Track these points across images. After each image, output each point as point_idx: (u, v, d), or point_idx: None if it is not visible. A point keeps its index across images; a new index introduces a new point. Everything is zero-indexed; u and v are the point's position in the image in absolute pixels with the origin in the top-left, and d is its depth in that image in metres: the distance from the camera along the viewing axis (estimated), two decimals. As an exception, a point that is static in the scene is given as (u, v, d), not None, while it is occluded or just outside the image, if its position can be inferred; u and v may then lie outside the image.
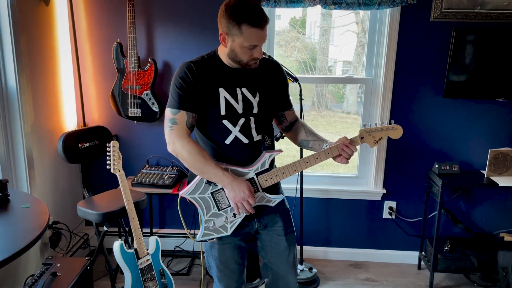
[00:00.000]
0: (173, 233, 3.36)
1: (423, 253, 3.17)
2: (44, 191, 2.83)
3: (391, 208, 3.24)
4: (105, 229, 2.56)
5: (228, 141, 1.75)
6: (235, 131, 1.74)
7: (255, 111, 1.77)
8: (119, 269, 2.89)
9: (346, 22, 3.49)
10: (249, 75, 1.77)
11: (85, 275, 2.23)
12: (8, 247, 1.60)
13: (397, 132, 1.78)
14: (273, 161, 1.83)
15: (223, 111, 1.72)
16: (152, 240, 2.57)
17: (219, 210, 1.77)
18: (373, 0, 2.76)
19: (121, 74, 2.96)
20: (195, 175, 1.77)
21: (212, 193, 1.76)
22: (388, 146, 3.10)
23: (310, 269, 3.05)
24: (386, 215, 3.26)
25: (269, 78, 1.83)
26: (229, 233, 1.79)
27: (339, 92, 4.41)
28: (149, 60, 2.92)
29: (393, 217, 3.25)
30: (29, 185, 2.63)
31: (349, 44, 3.57)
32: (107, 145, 2.39)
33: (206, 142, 1.79)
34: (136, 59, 2.90)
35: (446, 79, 2.90)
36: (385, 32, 2.92)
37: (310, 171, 3.30)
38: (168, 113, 1.73)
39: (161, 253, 2.59)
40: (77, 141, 2.86)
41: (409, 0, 2.75)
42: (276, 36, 3.18)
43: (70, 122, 3.14)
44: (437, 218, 2.84)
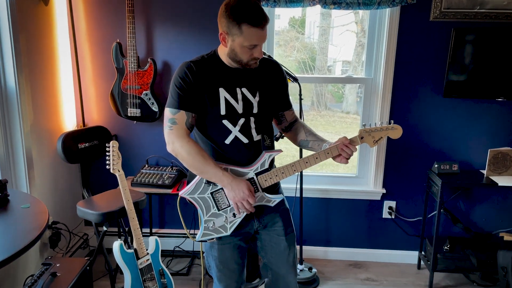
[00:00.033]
0: (172, 233, 3.36)
1: (423, 253, 3.17)
2: (43, 191, 2.83)
3: (390, 208, 3.24)
4: (104, 229, 2.56)
5: (228, 141, 1.75)
6: (235, 131, 1.74)
7: (255, 111, 1.76)
8: (119, 269, 2.90)
9: (345, 22, 3.49)
10: (249, 75, 1.77)
11: (85, 275, 2.23)
12: (7, 247, 1.59)
13: (397, 132, 1.78)
14: (272, 161, 1.83)
15: (223, 111, 1.72)
16: (151, 240, 2.57)
17: (218, 210, 1.77)
18: (372, 0, 2.76)
19: (120, 74, 2.96)
20: (194, 175, 1.76)
21: (211, 193, 1.76)
22: (387, 145, 3.10)
23: (309, 269, 3.05)
24: (385, 214, 3.26)
25: (269, 78, 1.83)
26: (229, 233, 1.79)
27: (338, 92, 4.41)
28: (149, 60, 2.92)
29: (393, 217, 3.25)
30: (28, 185, 2.63)
31: (349, 44, 3.57)
32: (106, 145, 2.39)
33: (206, 142, 1.79)
34: (135, 59, 2.90)
35: (445, 79, 2.90)
36: (384, 31, 2.92)
37: (309, 171, 3.30)
38: (167, 113, 1.72)
39: (161, 253, 2.58)
40: (76, 141, 2.85)
41: (408, 0, 2.75)
42: (275, 36, 3.18)
43: (69, 122, 3.14)
44: (437, 217, 2.84)
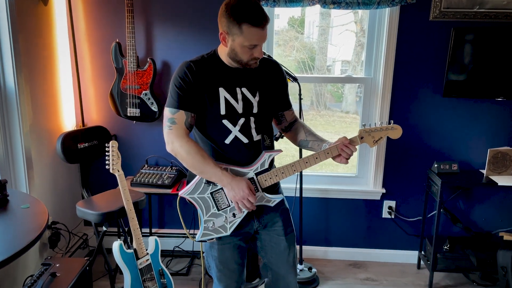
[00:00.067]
0: (172, 233, 3.36)
1: (423, 253, 3.17)
2: (43, 191, 2.83)
3: (390, 207, 3.24)
4: (104, 229, 2.55)
5: (228, 141, 1.75)
6: (235, 131, 1.74)
7: (255, 111, 1.76)
8: (118, 269, 2.89)
9: (344, 21, 3.49)
10: (249, 75, 1.76)
11: (84, 275, 2.22)
12: (7, 247, 1.59)
13: (397, 132, 1.78)
14: (272, 161, 1.83)
15: (223, 111, 1.72)
16: (151, 240, 2.56)
17: (218, 210, 1.77)
18: (372, -1, 2.76)
19: (120, 74, 2.95)
20: (194, 175, 1.76)
21: (211, 193, 1.76)
22: (387, 145, 3.10)
23: (309, 268, 3.05)
24: (385, 214, 3.26)
25: (269, 78, 1.83)
26: (229, 233, 1.79)
27: (338, 91, 4.40)
28: (148, 59, 2.92)
29: (393, 217, 3.25)
30: (28, 185, 2.63)
31: (348, 43, 3.56)
32: (106, 145, 2.39)
33: (205, 142, 1.79)
34: (135, 59, 2.89)
35: (445, 79, 2.90)
36: (384, 31, 2.92)
37: (309, 171, 3.29)
38: (167, 112, 1.72)
39: (160, 253, 2.58)
40: (76, 141, 2.85)
41: (408, -1, 2.76)
42: (275, 35, 3.18)
43: (69, 122, 3.14)
44: (437, 217, 2.84)
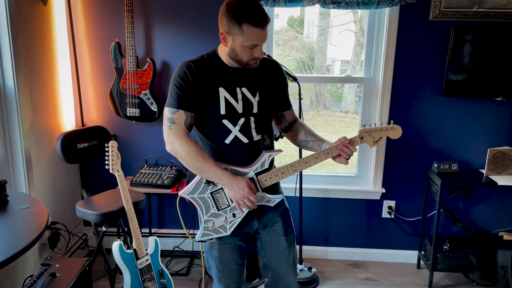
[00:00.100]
0: (172, 233, 3.36)
1: (423, 252, 3.17)
2: (42, 191, 2.82)
3: (390, 207, 3.23)
4: (104, 229, 2.55)
5: (227, 141, 1.74)
6: (235, 131, 1.74)
7: (255, 110, 1.76)
8: (118, 269, 2.89)
9: (344, 21, 3.48)
10: (249, 75, 1.76)
11: (84, 276, 2.22)
12: (7, 248, 1.59)
13: (397, 132, 1.77)
14: (272, 161, 1.83)
15: (223, 111, 1.72)
16: (151, 240, 2.56)
17: (218, 210, 1.76)
18: (372, -1, 2.76)
19: (119, 74, 2.95)
20: (194, 175, 1.76)
21: (211, 193, 1.75)
22: (387, 145, 3.10)
23: (309, 268, 3.05)
24: (385, 214, 3.26)
25: (269, 78, 1.83)
26: (229, 233, 1.78)
27: (337, 91, 4.40)
28: (148, 59, 2.91)
29: (392, 217, 3.25)
30: (27, 185, 2.62)
31: (347, 43, 3.56)
32: (105, 145, 2.39)
33: (205, 142, 1.79)
34: (134, 58, 2.89)
35: (445, 78, 2.90)
36: (384, 31, 2.92)
37: (309, 171, 3.29)
38: (166, 112, 1.72)
39: (160, 253, 2.58)
40: (75, 141, 2.84)
41: (408, -1, 2.75)
42: (274, 35, 3.18)
43: (68, 122, 3.13)
44: (436, 217, 2.84)
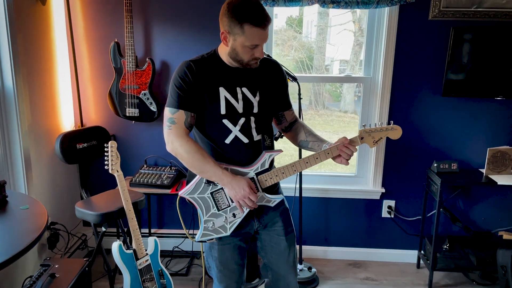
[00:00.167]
0: (171, 233, 3.35)
1: (422, 252, 3.17)
2: (41, 191, 2.82)
3: (390, 207, 3.23)
4: (103, 229, 2.54)
5: (228, 141, 1.74)
6: (235, 131, 1.73)
7: (255, 110, 1.76)
8: (118, 269, 2.88)
9: (343, 21, 3.48)
10: (250, 75, 1.76)
11: (84, 276, 2.22)
12: (7, 249, 1.58)
13: (397, 132, 1.77)
14: (272, 161, 1.83)
15: (223, 111, 1.71)
16: (151, 240, 2.56)
17: (218, 210, 1.76)
18: (371, -1, 2.75)
19: (118, 73, 2.94)
20: (194, 175, 1.76)
21: (211, 193, 1.75)
22: (387, 145, 3.09)
23: (309, 268, 3.05)
24: (385, 214, 3.26)
25: (269, 78, 1.83)
26: (229, 233, 1.78)
27: (336, 91, 4.40)
28: (147, 59, 2.91)
29: (392, 216, 3.25)
30: (26, 186, 2.61)
31: (346, 43, 3.56)
32: (105, 145, 2.38)
33: (205, 141, 1.78)
34: (133, 58, 2.89)
35: (444, 78, 2.90)
36: (383, 31, 2.91)
37: (308, 171, 3.28)
38: (167, 112, 1.72)
39: (160, 254, 2.57)
40: (74, 141, 2.84)
41: (407, -1, 2.75)
42: (273, 35, 3.17)
43: (67, 122, 3.12)
44: (436, 216, 2.84)
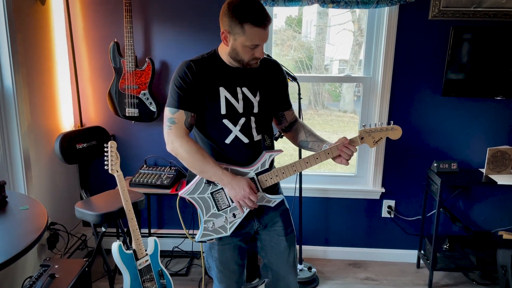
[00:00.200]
0: (171, 234, 3.35)
1: (422, 252, 3.17)
2: (41, 192, 2.81)
3: (390, 207, 3.23)
4: (103, 230, 2.54)
5: (228, 141, 1.74)
6: (236, 131, 1.73)
7: (255, 110, 1.75)
8: (118, 270, 2.88)
9: (342, 20, 3.48)
10: (250, 75, 1.76)
11: (84, 277, 2.22)
12: (7, 249, 1.57)
13: (397, 132, 1.77)
14: (273, 161, 1.82)
15: (223, 110, 1.71)
16: (150, 240, 2.55)
17: (218, 210, 1.76)
18: (371, -2, 2.75)
19: (118, 73, 2.94)
20: (194, 175, 1.75)
21: (211, 193, 1.75)
22: (386, 144, 3.09)
23: (309, 268, 3.04)
24: (385, 214, 3.25)
25: (269, 77, 1.82)
26: (229, 233, 1.78)
27: (335, 90, 4.40)
28: (147, 59, 2.90)
29: (392, 216, 3.25)
30: (26, 186, 2.61)
31: (346, 42, 3.56)
32: (104, 145, 2.38)
33: (205, 141, 1.78)
34: (133, 58, 2.88)
35: (444, 78, 2.89)
36: (383, 30, 2.91)
37: (308, 171, 3.26)
38: (167, 112, 1.71)
39: (160, 254, 2.57)
40: (74, 141, 2.84)
41: (407, -2, 2.75)
42: (272, 35, 3.16)
43: (67, 122, 3.12)
44: (436, 216, 2.84)
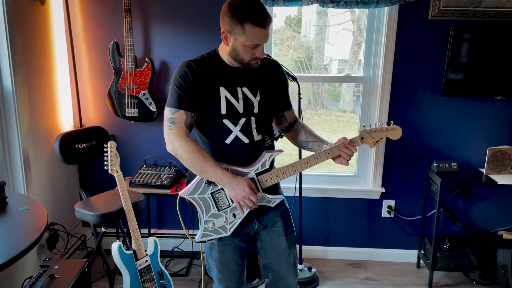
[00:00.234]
0: (171, 234, 3.34)
1: (422, 252, 3.17)
2: (41, 192, 2.81)
3: (390, 206, 3.23)
4: (103, 230, 2.54)
5: (228, 141, 1.73)
6: (236, 131, 1.73)
7: (255, 110, 1.75)
8: (118, 270, 2.88)
9: (341, 20, 3.48)
10: (250, 75, 1.75)
11: (83, 277, 2.21)
12: (6, 250, 1.57)
13: (397, 133, 1.77)
14: (273, 161, 1.82)
15: (223, 110, 1.71)
16: (150, 241, 2.55)
17: (218, 210, 1.76)
18: (371, -2, 2.75)
19: (117, 73, 2.94)
20: (194, 175, 1.75)
21: (212, 193, 1.74)
22: (386, 144, 3.09)
23: (309, 268, 3.04)
24: (385, 213, 3.25)
25: (270, 77, 1.82)
26: (229, 234, 1.78)
27: (335, 90, 4.40)
28: (146, 59, 2.90)
29: (392, 216, 3.25)
30: (25, 186, 2.61)
31: (345, 42, 3.56)
32: (104, 145, 2.37)
33: (205, 142, 1.78)
34: (133, 58, 2.88)
35: (444, 78, 2.89)
36: (383, 30, 2.91)
37: (308, 171, 3.26)
38: (167, 112, 1.71)
39: (160, 254, 2.57)
40: (74, 141, 2.83)
41: (407, -2, 2.75)
42: (272, 34, 3.16)
43: (66, 122, 3.12)
44: (436, 216, 2.84)
